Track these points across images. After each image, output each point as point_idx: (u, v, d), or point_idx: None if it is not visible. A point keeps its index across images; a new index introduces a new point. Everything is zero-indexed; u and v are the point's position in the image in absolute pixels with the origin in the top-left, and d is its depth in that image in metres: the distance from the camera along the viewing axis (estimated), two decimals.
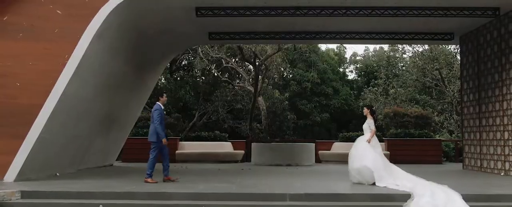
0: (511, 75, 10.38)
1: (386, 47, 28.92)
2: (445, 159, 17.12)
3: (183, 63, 24.71)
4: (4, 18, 8.98)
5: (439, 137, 19.15)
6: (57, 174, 9.96)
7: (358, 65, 34.84)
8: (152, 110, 8.72)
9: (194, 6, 10.20)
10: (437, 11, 10.36)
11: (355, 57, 36.86)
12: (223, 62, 18.99)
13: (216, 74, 19.66)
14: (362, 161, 8.52)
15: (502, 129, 10.75)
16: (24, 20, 8.99)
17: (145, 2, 9.26)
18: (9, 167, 8.52)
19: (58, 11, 9.00)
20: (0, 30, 8.94)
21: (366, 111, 9.16)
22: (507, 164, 10.53)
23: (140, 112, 14.88)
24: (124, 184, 8.30)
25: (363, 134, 16.38)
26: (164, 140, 8.49)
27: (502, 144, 10.71)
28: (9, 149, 8.53)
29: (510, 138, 10.39)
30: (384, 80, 24.35)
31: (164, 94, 8.83)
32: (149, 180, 8.44)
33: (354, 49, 51.78)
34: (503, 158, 10.70)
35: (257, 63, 17.65)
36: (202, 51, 19.54)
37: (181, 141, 16.63)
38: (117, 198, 7.06)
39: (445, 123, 20.96)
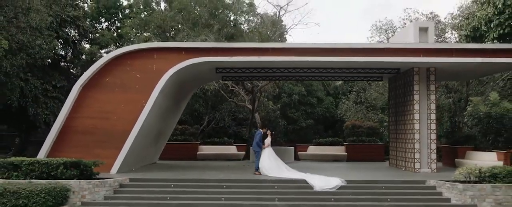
0: (407, 109, 16.95)
1: None
2: None
3: None
4: (107, 79, 15.56)
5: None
6: (133, 169, 16.57)
7: None
8: (256, 133, 15.68)
9: (215, 67, 16.78)
10: (361, 70, 16.94)
11: None
12: (230, 86, 25.48)
13: (222, 93, 26.12)
14: (261, 162, 15.00)
15: (405, 141, 17.33)
16: (118, 80, 15.54)
17: (187, 69, 15.75)
18: (113, 165, 15.08)
19: (138, 75, 15.54)
20: (105, 87, 15.51)
21: (269, 132, 15.52)
22: (406, 163, 17.13)
23: (175, 125, 21.49)
24: (177, 174, 14.94)
25: (335, 139, 23.40)
26: (264, 146, 15.26)
27: (405, 150, 17.30)
28: (113, 155, 15.07)
29: (408, 147, 16.95)
30: (355, 95, 30.91)
31: (265, 128, 15.81)
32: (257, 172, 15.07)
33: None
34: (405, 159, 17.30)
35: (254, 91, 24.13)
36: None
37: (200, 145, 23.27)
38: (179, 182, 13.64)
39: None
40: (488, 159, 16.53)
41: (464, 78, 20.71)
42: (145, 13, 34.57)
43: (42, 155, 14.96)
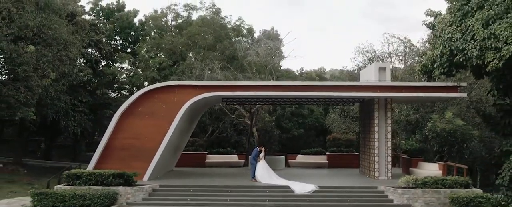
0: (370, 129, 21.75)
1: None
2: None
3: None
4: (139, 109, 20.37)
5: None
6: (158, 176, 21.39)
7: None
8: (254, 149, 20.51)
9: (221, 97, 21.61)
10: (334, 99, 21.79)
11: (334, 77, 48.24)
12: (231, 105, 30.39)
13: (225, 110, 31.04)
14: (256, 172, 19.74)
15: (369, 153, 22.16)
16: (148, 110, 20.32)
17: (200, 100, 20.54)
18: (144, 174, 19.88)
19: (163, 106, 20.33)
20: (138, 115, 20.31)
21: (263, 149, 20.34)
22: (369, 171, 21.97)
23: (188, 139, 26.36)
24: (194, 181, 19.76)
25: (319, 150, 28.30)
26: (258, 159, 19.92)
27: (369, 161, 22.14)
28: (144, 167, 19.82)
29: (371, 159, 21.76)
30: (340, 109, 35.75)
31: (261, 146, 20.53)
32: (253, 180, 19.79)
33: (333, 69, 63.08)
34: (369, 168, 22.14)
35: (251, 110, 29.01)
36: None
37: (208, 154, 28.11)
38: (196, 187, 18.45)
39: None
40: (432, 169, 21.38)
41: (415, 103, 25.67)
42: (155, 31, 39.45)
43: (90, 167, 19.78)
